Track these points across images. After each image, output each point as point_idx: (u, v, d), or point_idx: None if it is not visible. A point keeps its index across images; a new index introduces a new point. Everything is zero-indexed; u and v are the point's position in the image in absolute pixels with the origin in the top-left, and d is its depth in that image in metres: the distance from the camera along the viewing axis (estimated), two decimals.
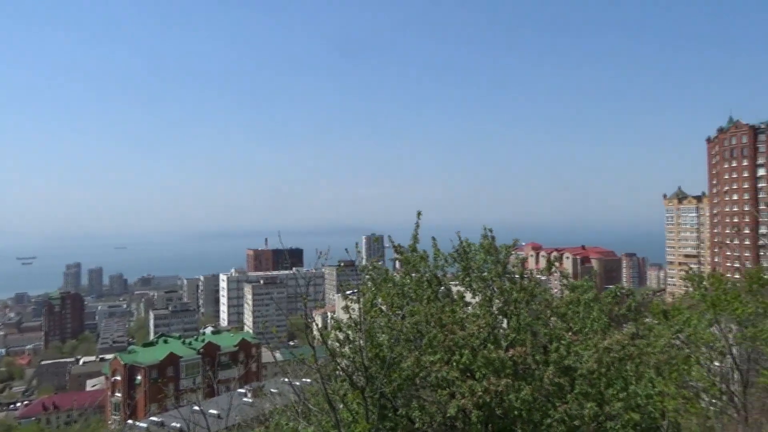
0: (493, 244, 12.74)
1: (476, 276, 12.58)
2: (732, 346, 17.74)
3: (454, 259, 13.14)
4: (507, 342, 10.87)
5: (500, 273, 12.07)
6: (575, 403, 9.67)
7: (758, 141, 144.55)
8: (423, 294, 12.29)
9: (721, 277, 20.56)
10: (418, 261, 13.16)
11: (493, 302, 11.95)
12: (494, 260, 12.43)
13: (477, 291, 12.44)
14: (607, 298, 12.85)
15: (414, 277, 13.08)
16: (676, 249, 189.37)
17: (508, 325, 11.53)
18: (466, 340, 10.03)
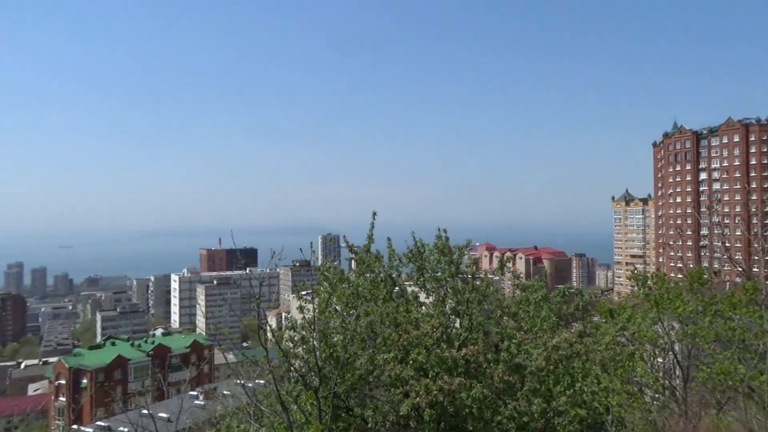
0: (447, 245, 12.91)
1: (430, 276, 12.75)
2: (674, 342, 18.47)
3: (409, 260, 13.27)
4: (460, 341, 11.05)
5: (453, 273, 12.25)
6: (524, 400, 9.92)
7: (700, 146, 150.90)
8: (378, 294, 12.37)
9: (664, 276, 21.39)
10: (373, 261, 13.23)
11: (447, 302, 12.12)
12: (448, 261, 12.61)
13: (431, 291, 12.60)
14: (556, 298, 13.21)
15: (369, 278, 13.14)
16: (623, 249, 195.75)
17: (460, 324, 11.72)
18: (420, 340, 10.14)
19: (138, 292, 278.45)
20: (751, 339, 18.44)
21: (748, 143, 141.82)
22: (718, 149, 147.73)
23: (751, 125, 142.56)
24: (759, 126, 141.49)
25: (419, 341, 10.08)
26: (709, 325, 18.22)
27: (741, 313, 18.20)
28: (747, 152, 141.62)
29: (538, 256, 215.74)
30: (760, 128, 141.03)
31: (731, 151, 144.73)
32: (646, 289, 18.55)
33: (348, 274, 13.93)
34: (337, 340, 10.96)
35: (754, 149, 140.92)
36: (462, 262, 12.77)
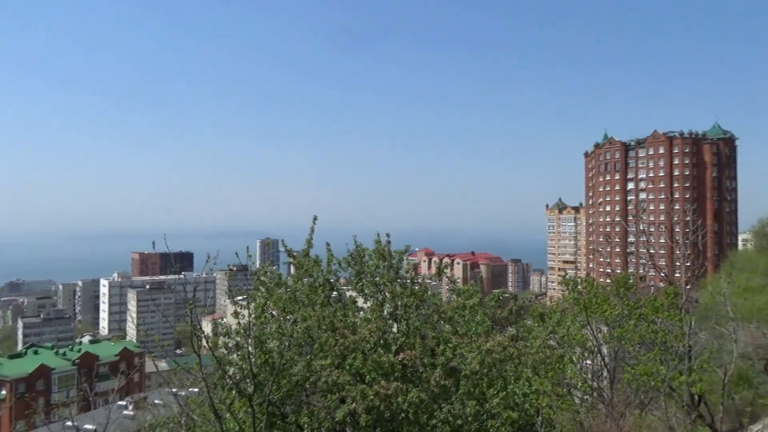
0: (386, 250, 12.97)
1: (369, 281, 12.76)
2: (601, 345, 19.22)
3: (348, 264, 13.24)
4: (397, 346, 11.11)
5: (392, 278, 12.31)
6: (459, 403, 10.06)
7: (629, 157, 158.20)
8: (315, 299, 12.27)
9: (593, 281, 22.24)
10: (312, 265, 13.13)
11: (385, 307, 12.16)
12: (387, 265, 12.66)
13: (369, 296, 12.61)
14: (491, 303, 13.50)
15: (307, 282, 13.03)
16: (556, 255, 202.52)
17: (398, 329, 11.78)
18: (357, 345, 10.13)
19: (64, 297, 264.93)
20: (672, 341, 19.42)
21: (672, 155, 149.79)
22: (644, 160, 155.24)
23: (674, 138, 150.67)
24: (682, 139, 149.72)
25: (356, 346, 10.07)
26: (633, 328, 19.07)
27: (663, 316, 19.15)
28: (671, 164, 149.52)
29: (475, 262, 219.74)
30: (683, 141, 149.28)
31: (656, 162, 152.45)
32: (576, 293, 19.22)
33: (286, 279, 13.77)
34: (273, 346, 10.81)
35: (677, 161, 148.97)
36: (401, 267, 12.86)
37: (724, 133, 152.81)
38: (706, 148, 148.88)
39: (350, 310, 11.82)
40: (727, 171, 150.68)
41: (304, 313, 11.18)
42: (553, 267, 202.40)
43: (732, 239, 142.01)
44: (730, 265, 63.12)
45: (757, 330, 31.28)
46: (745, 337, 25.45)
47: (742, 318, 28.66)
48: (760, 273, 53.30)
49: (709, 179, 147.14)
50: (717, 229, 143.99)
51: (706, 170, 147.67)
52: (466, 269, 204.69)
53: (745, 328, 26.72)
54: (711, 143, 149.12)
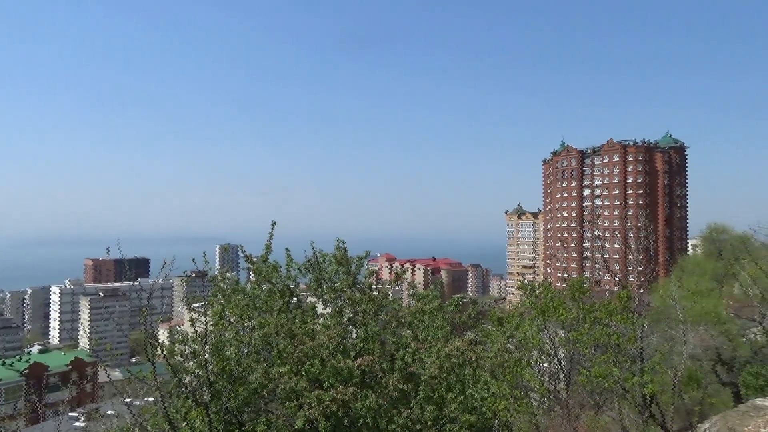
0: (346, 255, 12.95)
1: (328, 287, 12.71)
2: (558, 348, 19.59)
3: (307, 270, 13.17)
4: (356, 351, 11.08)
5: (351, 284, 12.30)
6: (418, 408, 10.11)
7: (584, 164, 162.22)
8: (274, 305, 12.16)
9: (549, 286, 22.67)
10: (271, 271, 13.00)
11: (344, 313, 12.14)
12: (346, 271, 12.64)
13: (328, 302, 12.57)
14: (450, 307, 13.62)
15: (266, 288, 12.89)
16: (515, 260, 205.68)
17: (357, 335, 11.77)
18: (316, 351, 10.07)
19: (12, 305, 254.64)
20: (625, 343, 19.95)
21: (626, 163, 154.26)
22: (600, 167, 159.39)
23: (628, 146, 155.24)
24: (635, 147, 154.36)
25: (315, 352, 10.01)
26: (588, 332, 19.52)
27: (616, 319, 19.67)
28: (625, 171, 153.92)
29: (436, 267, 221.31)
30: (636, 149, 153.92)
31: (611, 169, 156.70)
32: (533, 298, 19.55)
33: (244, 285, 13.61)
34: (231, 354, 10.65)
35: (631, 168, 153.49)
36: (360, 272, 12.86)
37: (675, 141, 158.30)
38: (658, 156, 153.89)
39: (309, 317, 11.74)
40: (678, 178, 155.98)
41: (262, 320, 11.05)
42: (512, 272, 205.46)
43: (682, 244, 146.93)
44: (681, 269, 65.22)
45: (705, 332, 32.43)
46: (694, 339, 26.35)
47: (691, 321, 29.68)
48: (708, 277, 55.26)
49: (660, 186, 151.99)
50: (668, 235, 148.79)
51: (658, 177, 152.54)
52: (427, 274, 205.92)
53: (694, 330, 27.67)
54: (663, 151, 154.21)
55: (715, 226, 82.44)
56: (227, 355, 10.65)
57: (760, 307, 27.64)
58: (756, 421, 27.26)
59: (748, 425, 26.68)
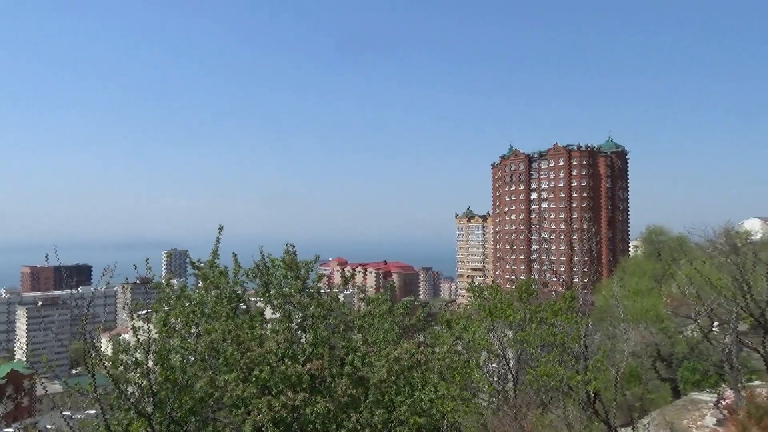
0: (295, 260, 12.83)
1: (276, 292, 12.56)
2: (506, 349, 19.98)
3: (255, 275, 12.98)
4: (305, 357, 10.99)
5: (300, 288, 12.19)
6: (368, 412, 10.10)
7: (532, 168, 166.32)
8: (221, 311, 11.93)
9: (498, 288, 23.10)
10: (218, 277, 12.77)
11: (293, 318, 12.02)
12: (295, 276, 12.52)
13: (277, 307, 12.41)
14: (399, 310, 13.69)
15: (213, 294, 12.65)
16: (465, 263, 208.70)
17: (306, 340, 11.68)
18: (264, 357, 9.93)
19: None
20: (570, 342, 20.52)
21: (571, 167, 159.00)
22: (546, 171, 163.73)
23: (573, 151, 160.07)
24: (579, 152, 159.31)
25: (263, 358, 9.87)
26: (535, 331, 19.97)
27: (561, 319, 20.22)
28: (570, 175, 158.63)
29: (387, 270, 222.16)
30: (581, 154, 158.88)
31: (557, 173, 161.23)
32: (481, 299, 19.86)
33: (190, 291, 13.31)
34: (176, 362, 10.39)
35: (576, 172, 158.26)
36: (309, 277, 12.76)
37: (617, 146, 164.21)
38: (601, 160, 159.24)
39: (257, 322, 11.58)
40: (620, 182, 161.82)
41: (208, 327, 10.83)
42: (462, 274, 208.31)
43: (624, 246, 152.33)
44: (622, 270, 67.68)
45: (645, 330, 33.69)
46: (635, 336, 27.32)
47: (632, 319, 30.80)
48: (648, 277, 57.54)
49: (603, 190, 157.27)
50: (611, 237, 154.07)
51: (601, 181, 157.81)
52: (378, 278, 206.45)
53: (635, 328, 28.70)
54: (605, 156, 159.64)
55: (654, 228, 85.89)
56: (172, 363, 10.39)
57: (696, 305, 28.88)
58: (692, 414, 28.50)
59: (685, 419, 27.87)
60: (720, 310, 25.84)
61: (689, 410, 28.23)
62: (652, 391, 36.95)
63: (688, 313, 31.92)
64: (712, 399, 26.94)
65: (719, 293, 23.87)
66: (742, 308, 22.30)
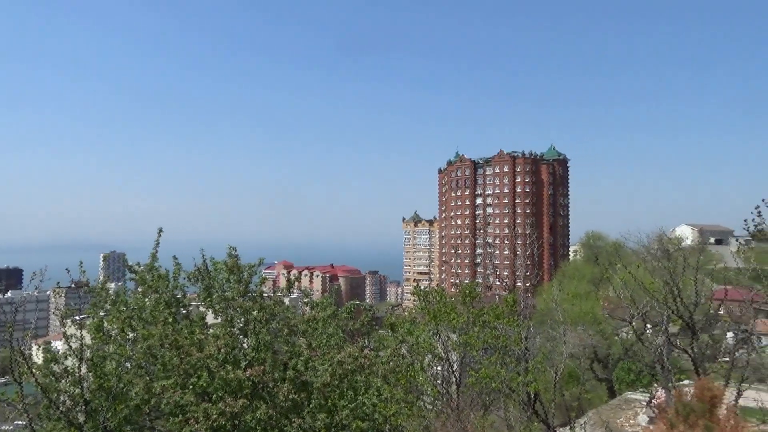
0: (237, 263, 12.61)
1: (218, 296, 12.30)
2: (449, 352, 20.24)
3: (196, 279, 12.69)
4: (246, 362, 10.80)
5: (243, 292, 11.98)
6: (310, 417, 10.01)
7: (477, 174, 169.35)
8: (160, 316, 11.59)
9: (442, 291, 23.35)
10: (157, 280, 12.41)
11: (235, 322, 11.79)
12: (237, 279, 12.30)
13: (219, 311, 12.16)
14: (344, 314, 13.64)
15: (152, 299, 12.29)
16: (411, 267, 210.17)
17: (248, 344, 11.48)
18: (204, 362, 9.69)
19: None
20: (511, 345, 20.96)
21: (515, 173, 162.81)
22: (491, 177, 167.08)
23: (517, 158, 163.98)
24: (523, 159, 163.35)
25: (202, 364, 9.64)
26: (478, 335, 20.30)
27: (503, 322, 20.66)
28: (514, 181, 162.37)
29: (334, 274, 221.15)
30: (524, 161, 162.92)
31: (501, 179, 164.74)
32: (425, 303, 20.06)
33: (127, 296, 12.89)
34: (110, 369, 10.02)
35: (519, 179, 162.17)
36: (252, 280, 12.56)
37: (559, 154, 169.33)
38: (544, 168, 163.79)
39: (197, 327, 11.29)
40: (561, 189, 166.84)
41: (145, 332, 10.49)
42: (408, 278, 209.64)
43: (564, 250, 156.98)
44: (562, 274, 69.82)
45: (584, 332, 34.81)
46: (573, 338, 28.21)
47: (571, 322, 31.82)
48: (586, 281, 59.56)
49: (545, 196, 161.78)
50: (552, 242, 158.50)
51: (544, 188, 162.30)
52: (325, 281, 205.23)
53: (574, 330, 29.65)
54: (548, 163, 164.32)
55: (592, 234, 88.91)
56: (106, 370, 10.01)
57: (630, 308, 30.01)
58: (626, 413, 29.64)
59: (619, 417, 28.94)
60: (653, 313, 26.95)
61: (623, 409, 29.34)
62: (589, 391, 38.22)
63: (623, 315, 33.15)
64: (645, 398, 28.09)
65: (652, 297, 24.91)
66: (672, 311, 23.35)
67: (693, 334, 22.86)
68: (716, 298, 27.71)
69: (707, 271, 28.09)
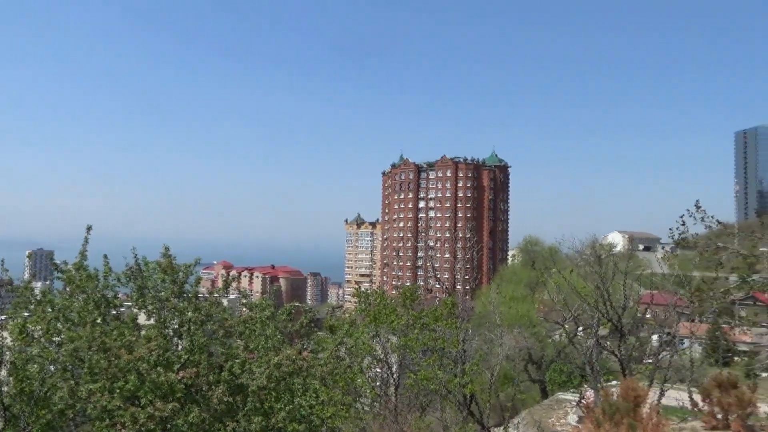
0: (172, 263, 12.23)
1: (152, 296, 11.90)
2: (389, 354, 20.34)
3: (128, 279, 12.23)
4: (180, 364, 10.49)
5: (177, 293, 11.63)
6: (245, 420, 9.83)
7: (420, 178, 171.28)
8: (88, 317, 11.10)
9: (383, 293, 23.46)
10: (86, 280, 11.89)
11: (169, 324, 11.43)
12: (172, 279, 11.92)
13: (152, 312, 11.76)
14: (282, 316, 13.48)
15: (80, 299, 11.77)
16: (353, 269, 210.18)
17: (182, 346, 11.16)
18: (133, 365, 9.35)
19: None
20: (449, 347, 21.25)
21: (457, 178, 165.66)
22: (434, 181, 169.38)
23: (459, 163, 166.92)
24: (465, 164, 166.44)
25: (132, 366, 9.29)
26: (417, 337, 20.48)
27: (442, 325, 20.95)
28: (456, 186, 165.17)
29: (275, 275, 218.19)
30: (467, 166, 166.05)
31: (444, 183, 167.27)
32: (366, 305, 20.09)
33: (54, 295, 12.30)
34: (33, 372, 9.53)
35: (461, 183, 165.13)
36: (187, 280, 12.21)
37: (500, 161, 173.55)
38: (485, 173, 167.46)
39: (126, 328, 10.88)
40: (501, 194, 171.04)
41: (71, 334, 10.03)
42: (350, 280, 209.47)
43: (503, 255, 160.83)
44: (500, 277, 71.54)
45: (519, 334, 35.71)
46: (509, 341, 28.93)
47: (507, 324, 32.61)
48: (523, 285, 61.19)
49: (486, 201, 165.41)
50: (491, 246, 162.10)
51: (484, 193, 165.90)
52: (265, 282, 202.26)
53: (509, 332, 30.39)
54: (489, 169, 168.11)
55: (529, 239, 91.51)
56: (29, 373, 9.52)
57: (563, 312, 30.98)
58: (557, 413, 30.57)
59: (551, 417, 29.81)
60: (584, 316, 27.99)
61: (555, 409, 30.27)
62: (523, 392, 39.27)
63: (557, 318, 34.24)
64: (575, 398, 29.07)
65: (583, 300, 25.82)
66: (602, 314, 24.28)
67: (621, 336, 23.86)
68: (643, 302, 29.09)
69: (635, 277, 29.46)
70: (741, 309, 64.44)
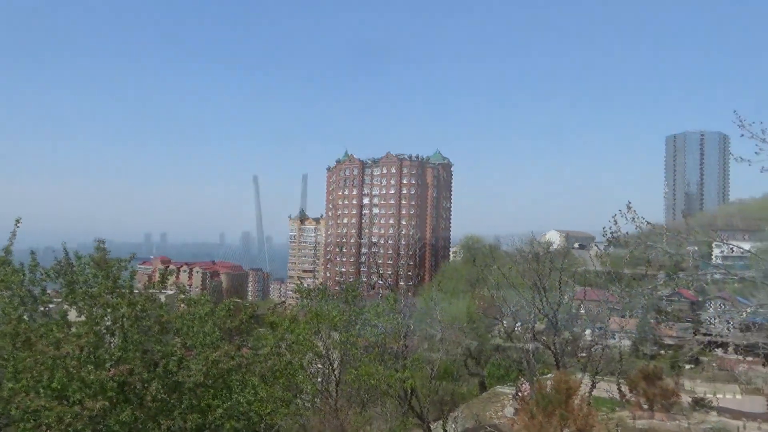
0: (105, 258, 11.78)
1: (83, 292, 11.42)
2: (330, 350, 20.34)
3: (58, 274, 11.70)
4: (112, 361, 10.11)
5: (110, 288, 11.19)
6: (180, 418, 9.59)
7: (365, 174, 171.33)
8: (13, 314, 10.55)
9: (325, 290, 23.40)
10: (11, 276, 11.31)
11: (101, 320, 11.00)
12: (105, 275, 11.48)
13: (83, 308, 11.28)
14: (222, 312, 13.22)
15: (4, 295, 11.19)
16: (296, 264, 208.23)
17: (115, 343, 10.77)
18: (61, 362, 8.95)
19: None
20: (391, 343, 21.42)
21: (402, 175, 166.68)
22: (378, 178, 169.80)
23: (404, 160, 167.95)
24: (410, 161, 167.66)
25: (59, 364, 8.89)
26: (359, 333, 20.53)
27: (384, 321, 21.13)
28: (400, 183, 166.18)
29: (215, 270, 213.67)
30: (411, 164, 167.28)
31: (389, 180, 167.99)
32: (308, 301, 20.01)
33: None
34: None
35: (405, 180, 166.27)
36: (122, 276, 11.78)
37: (444, 159, 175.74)
38: (429, 171, 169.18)
39: (55, 325, 10.40)
40: (444, 192, 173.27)
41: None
42: (293, 275, 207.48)
43: (445, 252, 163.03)
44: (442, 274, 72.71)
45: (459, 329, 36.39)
46: (450, 336, 29.47)
47: (448, 320, 33.17)
48: (464, 281, 62.40)
49: (430, 198, 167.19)
50: (434, 243, 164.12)
51: (428, 190, 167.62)
52: (205, 278, 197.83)
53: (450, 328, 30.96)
54: (433, 167, 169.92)
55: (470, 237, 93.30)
56: None
57: (502, 307, 31.72)
58: (495, 406, 31.34)
59: (489, 410, 30.53)
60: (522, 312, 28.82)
61: (493, 402, 31.00)
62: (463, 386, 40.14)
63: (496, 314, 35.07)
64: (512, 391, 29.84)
65: (521, 296, 26.47)
66: (539, 310, 25.01)
67: (556, 331, 24.68)
68: (577, 298, 30.20)
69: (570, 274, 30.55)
70: (668, 305, 67.97)
